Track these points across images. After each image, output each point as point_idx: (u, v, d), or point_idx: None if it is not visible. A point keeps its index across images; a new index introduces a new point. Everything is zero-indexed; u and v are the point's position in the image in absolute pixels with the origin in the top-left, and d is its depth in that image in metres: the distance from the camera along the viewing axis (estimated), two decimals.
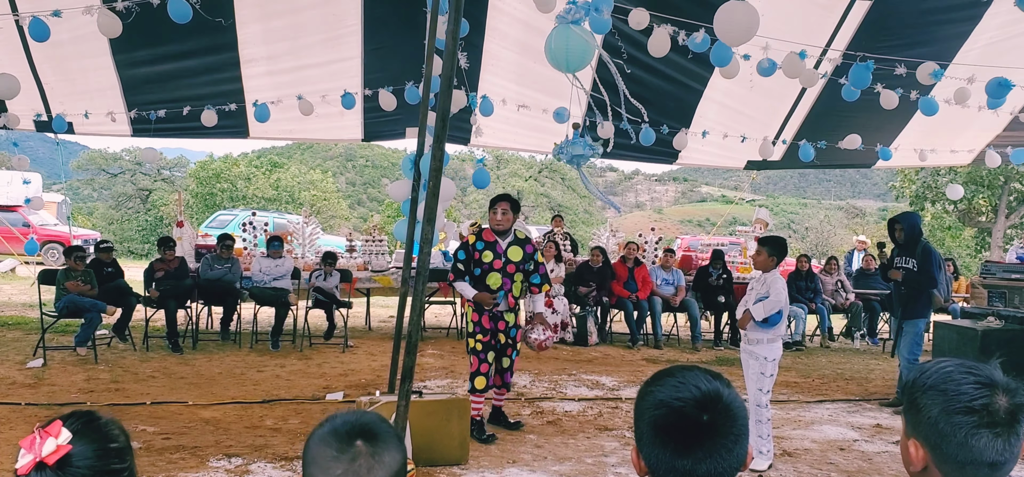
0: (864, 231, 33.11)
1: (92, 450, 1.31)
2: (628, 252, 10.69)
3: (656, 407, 1.36)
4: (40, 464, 1.26)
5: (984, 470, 1.38)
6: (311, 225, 11.84)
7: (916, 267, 7.18)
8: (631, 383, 7.80)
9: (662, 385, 1.38)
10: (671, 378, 1.38)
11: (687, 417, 1.32)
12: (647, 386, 1.42)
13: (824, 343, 11.39)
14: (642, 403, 1.40)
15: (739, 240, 14.26)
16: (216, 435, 5.39)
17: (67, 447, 1.28)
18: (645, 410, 1.38)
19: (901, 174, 25.98)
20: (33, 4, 6.84)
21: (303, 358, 8.53)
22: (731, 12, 5.13)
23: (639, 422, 1.40)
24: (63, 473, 1.27)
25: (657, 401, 1.36)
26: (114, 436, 1.35)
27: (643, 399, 1.41)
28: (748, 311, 5.04)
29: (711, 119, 9.51)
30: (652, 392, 1.39)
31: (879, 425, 6.53)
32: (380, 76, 8.77)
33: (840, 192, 75.47)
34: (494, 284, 5.64)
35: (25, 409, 5.83)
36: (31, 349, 7.92)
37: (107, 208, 39.58)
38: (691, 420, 1.32)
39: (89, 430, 1.33)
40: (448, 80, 3.43)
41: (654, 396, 1.37)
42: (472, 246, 5.73)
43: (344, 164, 62.58)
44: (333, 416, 1.36)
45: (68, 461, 1.27)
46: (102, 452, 1.32)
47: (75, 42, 7.66)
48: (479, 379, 5.61)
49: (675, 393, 1.35)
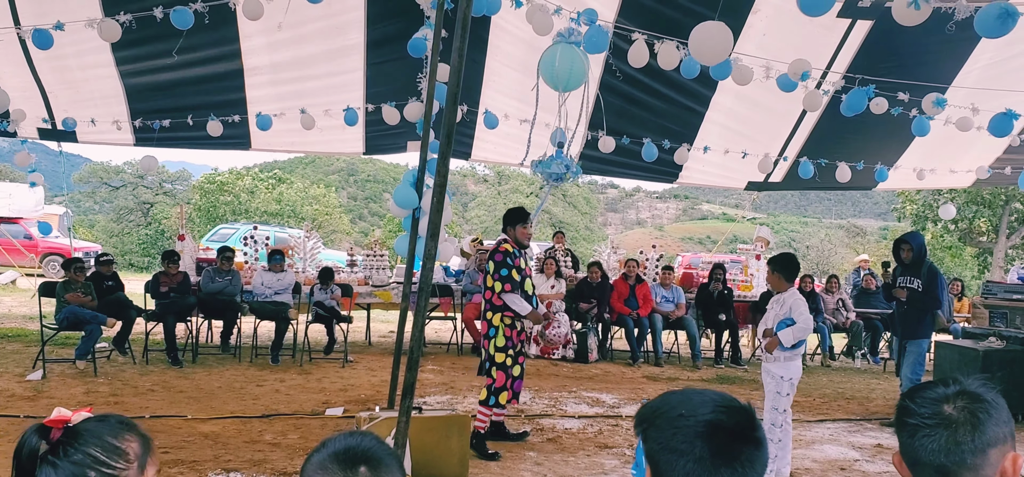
0: (866, 250, 33.09)
1: (96, 442, 1.32)
2: (629, 269, 10.68)
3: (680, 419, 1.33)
4: (42, 427, 1.29)
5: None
6: (312, 239, 11.85)
7: (920, 287, 7.17)
8: (631, 401, 7.78)
9: (692, 404, 1.35)
10: (683, 395, 1.38)
11: (718, 426, 1.31)
12: (660, 411, 1.37)
13: (825, 362, 11.37)
14: (677, 424, 1.34)
15: (740, 258, 14.24)
16: (215, 450, 5.37)
17: (70, 418, 1.31)
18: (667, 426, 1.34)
19: (902, 194, 26.01)
20: (35, 18, 6.88)
21: (303, 373, 8.51)
22: (705, 32, 5.15)
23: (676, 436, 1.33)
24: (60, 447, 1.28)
25: (678, 415, 1.33)
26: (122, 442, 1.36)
27: (660, 418, 1.36)
28: (776, 336, 4.94)
29: (713, 137, 9.54)
30: (673, 406, 1.35)
31: (880, 445, 6.50)
32: (383, 91, 8.80)
33: (841, 211, 75.47)
34: (530, 291, 5.79)
35: (24, 422, 5.80)
36: (31, 362, 7.91)
37: (108, 221, 39.64)
38: (722, 427, 1.30)
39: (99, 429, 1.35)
40: (453, 96, 3.44)
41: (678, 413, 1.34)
42: (513, 255, 5.73)
43: (346, 178, 62.70)
44: (330, 439, 1.33)
45: (75, 435, 1.29)
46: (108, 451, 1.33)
47: (79, 53, 7.69)
48: (505, 394, 5.65)
49: (702, 407, 1.33)
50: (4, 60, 7.09)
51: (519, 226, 5.83)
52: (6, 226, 19.86)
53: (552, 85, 5.67)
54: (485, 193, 56.38)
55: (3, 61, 7.08)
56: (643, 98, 8.66)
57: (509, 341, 5.65)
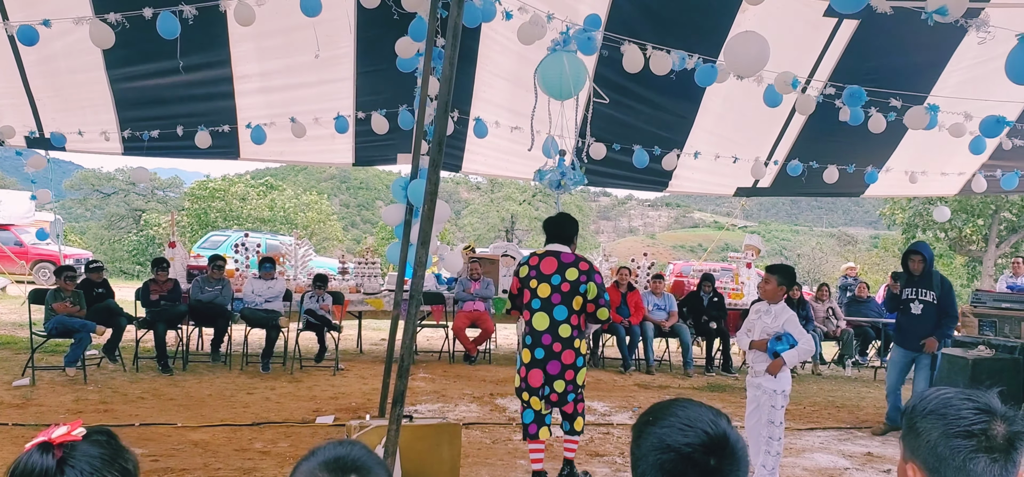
0: (856, 258, 33.21)
1: (98, 455, 1.32)
2: (621, 277, 10.70)
3: (662, 450, 1.33)
4: (45, 445, 1.28)
5: None
6: (303, 247, 11.83)
7: (936, 300, 7.15)
8: (622, 408, 7.78)
9: (667, 426, 1.36)
10: (675, 418, 1.37)
11: (696, 464, 1.31)
12: (648, 424, 1.40)
13: (815, 370, 11.40)
14: (644, 442, 1.38)
15: (731, 266, 14.29)
16: (205, 458, 5.35)
17: (76, 437, 1.30)
18: (649, 451, 1.36)
19: (891, 202, 26.13)
20: (25, 13, 6.84)
21: (293, 381, 8.48)
22: (742, 44, 5.10)
23: (640, 462, 1.37)
24: (65, 466, 1.27)
25: (663, 445, 1.34)
26: (121, 456, 1.36)
27: (644, 438, 1.38)
28: (782, 358, 4.87)
29: (702, 141, 9.58)
30: (655, 433, 1.36)
31: (870, 453, 6.52)
32: (373, 99, 8.80)
33: (832, 219, 75.83)
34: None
35: (12, 430, 5.77)
36: (20, 368, 7.86)
37: (99, 228, 39.51)
38: (700, 466, 1.31)
39: (103, 441, 1.35)
40: (445, 105, 3.45)
41: (659, 439, 1.35)
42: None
43: (338, 186, 62.73)
44: (320, 448, 1.33)
45: (72, 452, 1.29)
46: (106, 462, 1.33)
47: (69, 57, 7.67)
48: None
49: (682, 437, 1.33)
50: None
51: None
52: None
53: (550, 93, 5.67)
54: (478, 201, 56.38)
55: None
56: (633, 104, 8.70)
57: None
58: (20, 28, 6.51)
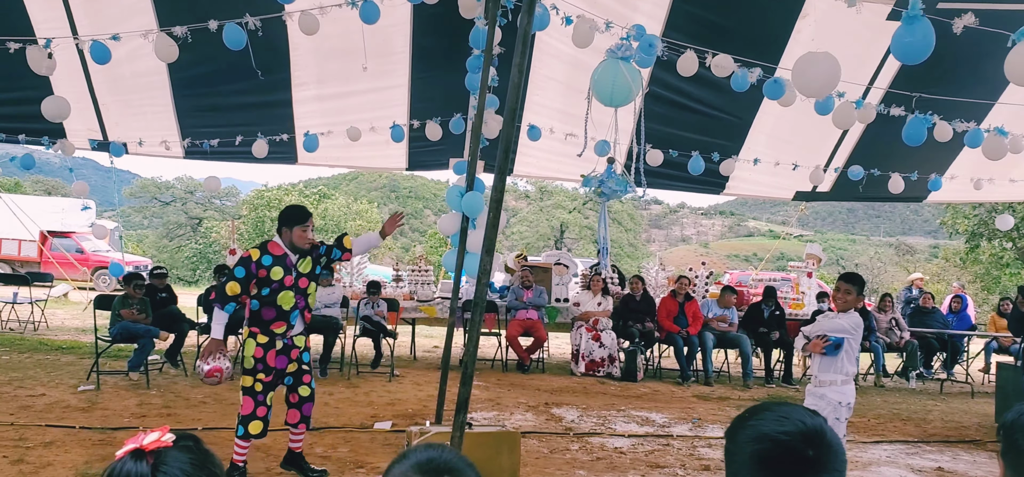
0: (917, 268, 32.32)
1: (187, 460, 1.32)
2: (680, 287, 10.50)
3: (758, 440, 1.32)
4: (138, 451, 1.29)
5: None
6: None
7: None
8: (682, 420, 7.64)
9: (763, 418, 1.35)
10: (770, 412, 1.36)
11: (793, 451, 1.29)
12: (744, 419, 1.39)
13: (878, 382, 11.08)
14: (739, 435, 1.37)
15: (790, 276, 13.99)
16: (266, 462, 5.39)
17: (167, 443, 1.31)
18: (744, 443, 1.35)
19: (951, 209, 25.33)
20: (92, 28, 7.04)
21: (351, 386, 8.53)
22: (811, 64, 4.97)
23: (735, 456, 1.36)
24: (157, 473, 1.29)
25: (759, 434, 1.33)
26: (210, 462, 1.37)
27: (740, 431, 1.37)
28: (825, 337, 4.78)
29: (761, 147, 9.42)
30: (752, 425, 1.36)
31: (941, 468, 6.28)
32: (426, 106, 8.86)
33: (890, 228, 73.92)
34: (287, 306, 4.87)
35: (79, 432, 5.89)
36: (84, 373, 8.04)
37: (158, 236, 40.49)
38: (797, 454, 1.29)
39: (191, 446, 1.36)
40: (512, 111, 3.42)
41: (755, 429, 1.34)
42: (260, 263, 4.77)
43: (388, 195, 63.36)
44: (411, 451, 1.33)
45: (163, 458, 1.30)
46: (196, 467, 1.34)
47: (132, 64, 7.85)
48: (255, 423, 4.81)
49: (779, 426, 1.32)
50: (60, 69, 7.22)
51: (297, 228, 4.85)
52: (59, 240, 20.40)
53: (604, 101, 5.62)
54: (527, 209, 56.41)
55: (59, 70, 7.22)
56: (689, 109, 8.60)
57: (261, 363, 4.83)
58: (93, 45, 6.69)
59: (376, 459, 5.61)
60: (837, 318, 4.88)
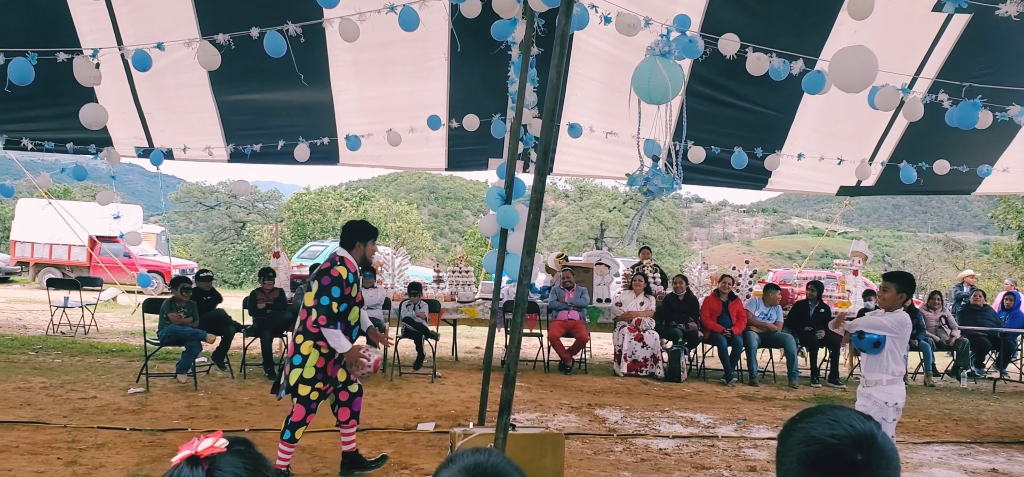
0: (967, 265, 31.54)
1: (241, 465, 1.35)
2: (723, 286, 10.35)
3: (808, 443, 1.33)
4: (193, 458, 1.32)
5: None
6: (400, 256, 11.99)
7: None
8: (726, 421, 7.55)
9: (813, 421, 1.36)
10: (822, 415, 1.36)
11: (841, 455, 1.29)
12: (795, 422, 1.40)
13: (928, 381, 10.83)
14: (790, 438, 1.37)
15: (836, 274, 13.73)
16: (313, 463, 5.45)
17: (221, 448, 1.34)
18: (794, 445, 1.35)
19: (1003, 203, 24.65)
20: (136, 38, 7.17)
21: (393, 387, 8.58)
22: (848, 57, 4.87)
23: (785, 457, 1.37)
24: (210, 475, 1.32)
25: (809, 437, 1.33)
26: (262, 466, 1.39)
27: (791, 434, 1.38)
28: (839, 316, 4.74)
29: (804, 141, 9.25)
30: (802, 427, 1.36)
31: (995, 470, 6.12)
32: (465, 105, 8.87)
33: (938, 224, 72.23)
34: (354, 320, 5.05)
35: (130, 434, 6.01)
36: (134, 376, 8.21)
37: (203, 240, 41.18)
38: (845, 458, 1.29)
39: (244, 451, 1.39)
40: (550, 112, 3.41)
41: (805, 432, 1.34)
42: (348, 281, 4.87)
43: (427, 196, 63.73)
44: (459, 454, 1.35)
45: (218, 464, 1.33)
46: (250, 472, 1.36)
47: (176, 74, 7.99)
48: (301, 429, 4.94)
49: (829, 430, 1.32)
50: (105, 78, 7.38)
51: (370, 243, 5.04)
52: (108, 245, 20.84)
53: (645, 98, 5.56)
54: (566, 209, 56.26)
55: (104, 81, 7.37)
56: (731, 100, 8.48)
57: (321, 373, 4.88)
58: (136, 54, 6.81)
59: (420, 460, 5.63)
60: (878, 315, 4.78)
